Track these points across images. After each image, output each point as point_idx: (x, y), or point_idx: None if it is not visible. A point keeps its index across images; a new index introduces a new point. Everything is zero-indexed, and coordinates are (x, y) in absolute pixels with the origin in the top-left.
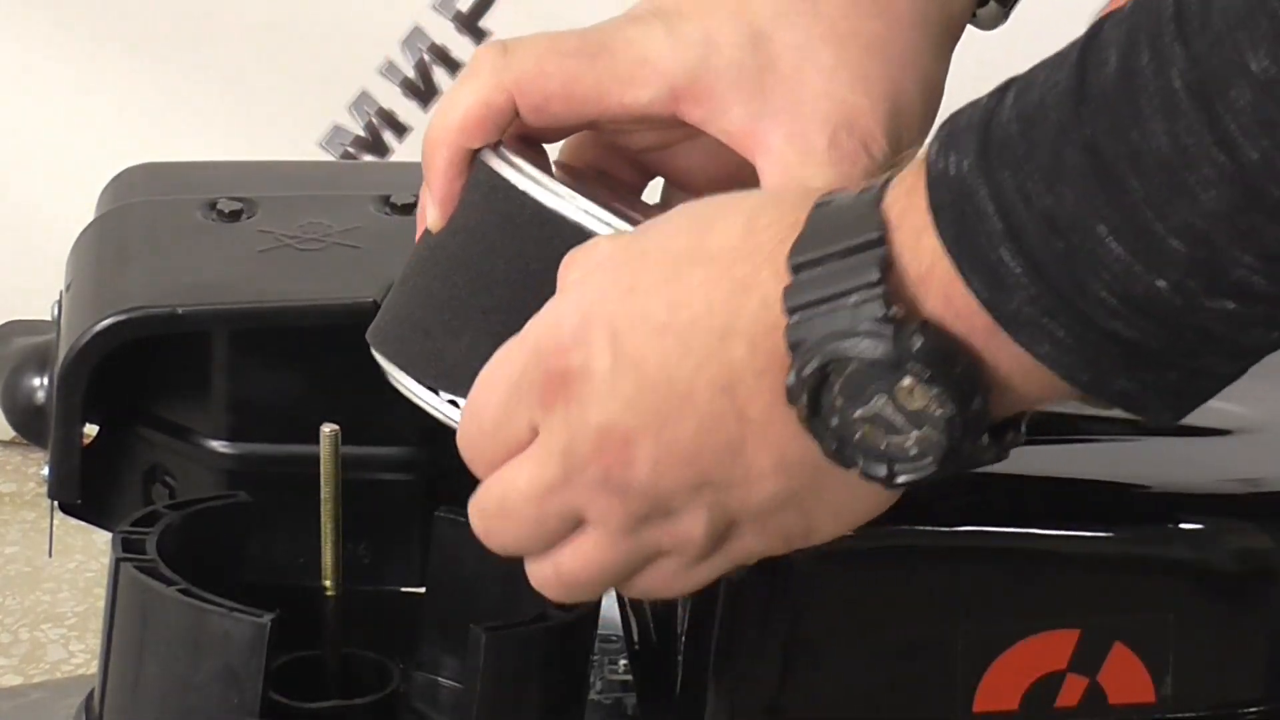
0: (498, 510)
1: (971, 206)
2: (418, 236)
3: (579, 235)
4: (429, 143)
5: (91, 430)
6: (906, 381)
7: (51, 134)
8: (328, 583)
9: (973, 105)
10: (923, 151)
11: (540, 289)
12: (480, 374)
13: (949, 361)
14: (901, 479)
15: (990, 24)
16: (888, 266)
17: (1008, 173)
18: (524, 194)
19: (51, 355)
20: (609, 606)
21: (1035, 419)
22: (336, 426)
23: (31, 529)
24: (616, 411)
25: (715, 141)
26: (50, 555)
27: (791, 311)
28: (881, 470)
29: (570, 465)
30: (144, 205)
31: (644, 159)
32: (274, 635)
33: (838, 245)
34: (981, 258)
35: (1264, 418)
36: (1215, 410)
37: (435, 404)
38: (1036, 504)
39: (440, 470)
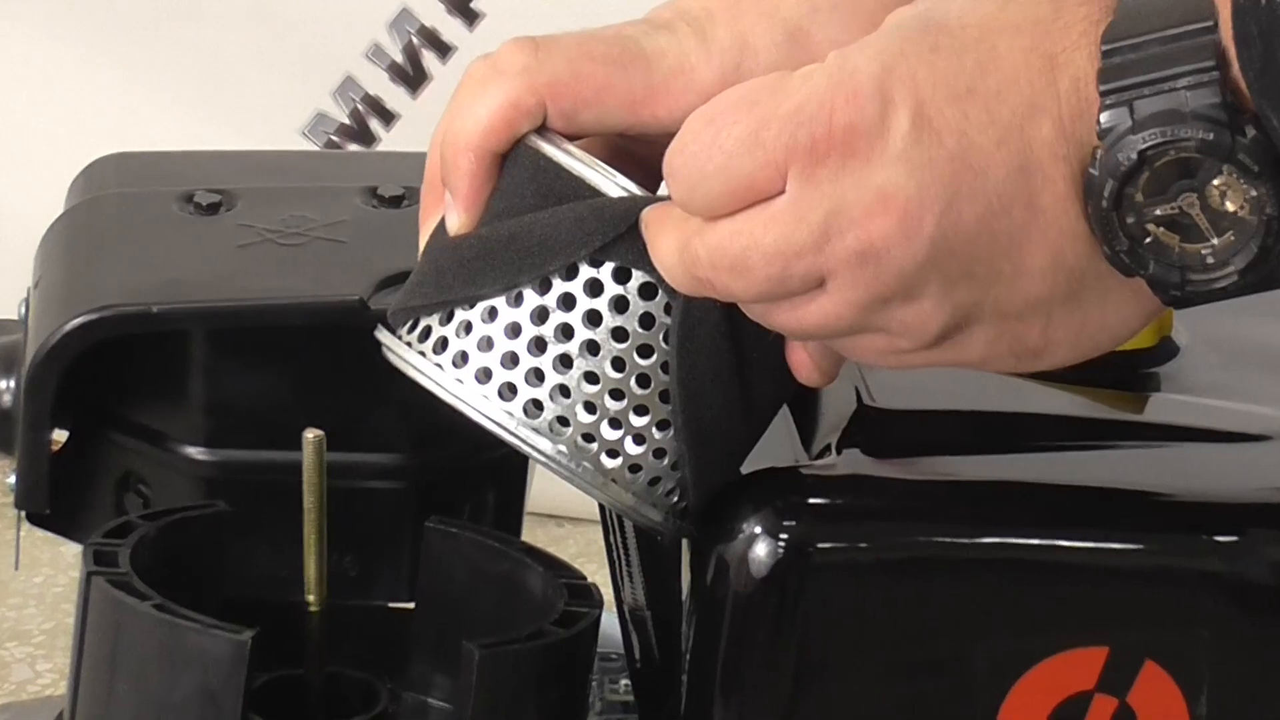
0: (733, 265)
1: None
2: (422, 234)
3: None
4: (451, 143)
5: (61, 436)
6: (1224, 179)
7: (17, 122)
8: (311, 597)
9: None
10: None
11: None
12: (728, 91)
13: (1278, 159)
14: (1194, 289)
15: None
16: (1221, 55)
17: None
18: (585, 183)
19: (18, 356)
20: (609, 624)
21: (1060, 425)
22: (320, 432)
23: None
24: (902, 177)
25: None
26: (16, 569)
27: (1106, 94)
28: (1175, 276)
29: (830, 230)
30: (116, 197)
31: (658, 165)
32: (254, 653)
33: (1163, 30)
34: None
35: None
36: (1252, 415)
37: (449, 388)
38: (1062, 513)
39: (431, 478)
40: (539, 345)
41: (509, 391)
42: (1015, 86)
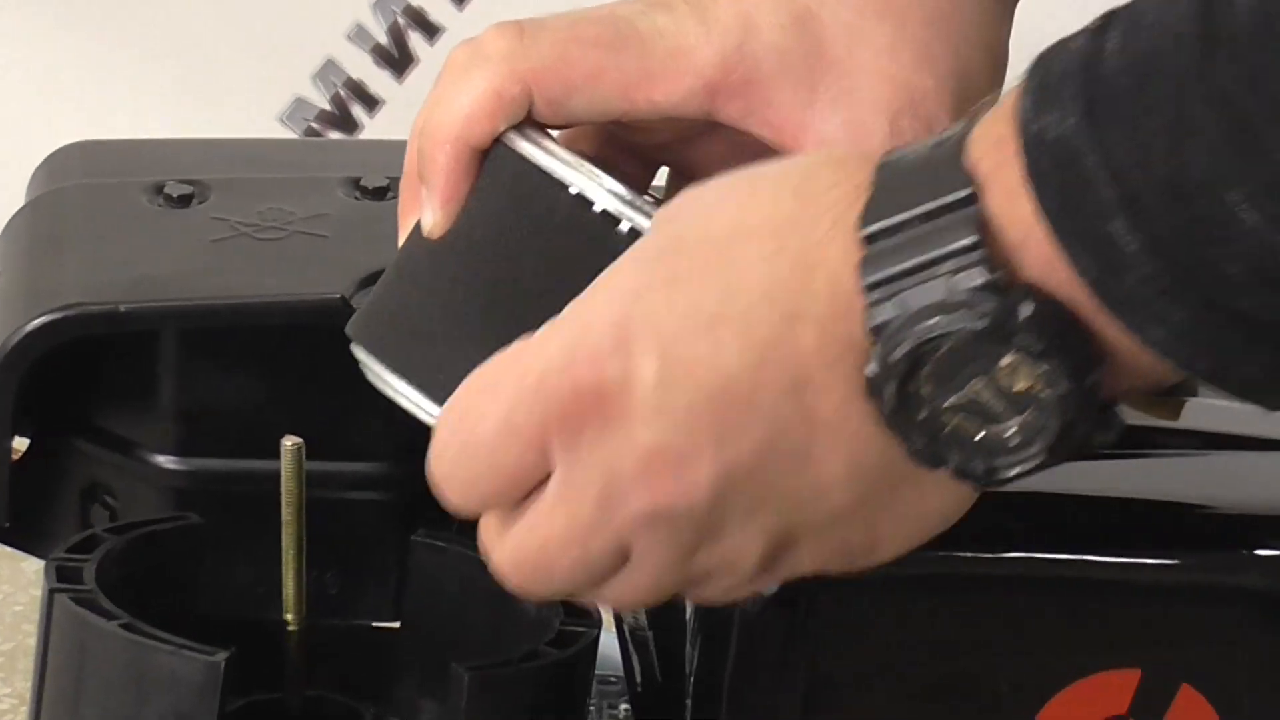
0: (536, 564)
1: (1077, 173)
2: (401, 231)
3: (629, 242)
4: (429, 135)
5: (21, 444)
6: (1010, 359)
7: None
8: (290, 616)
9: (1064, 47)
10: (1010, 100)
11: (570, 300)
12: (471, 378)
13: (1062, 331)
14: (1004, 474)
15: None
16: (984, 227)
17: (1121, 133)
18: (567, 189)
19: None
20: (608, 644)
21: None
22: (300, 439)
23: None
24: (667, 429)
25: (737, 130)
26: None
27: (870, 289)
28: (979, 466)
29: (611, 500)
30: (81, 189)
31: (654, 154)
32: (229, 675)
33: (920, 207)
34: (1090, 232)
35: None
36: None
37: (434, 415)
38: (1091, 525)
39: (418, 489)
40: None
41: None
42: (767, 301)
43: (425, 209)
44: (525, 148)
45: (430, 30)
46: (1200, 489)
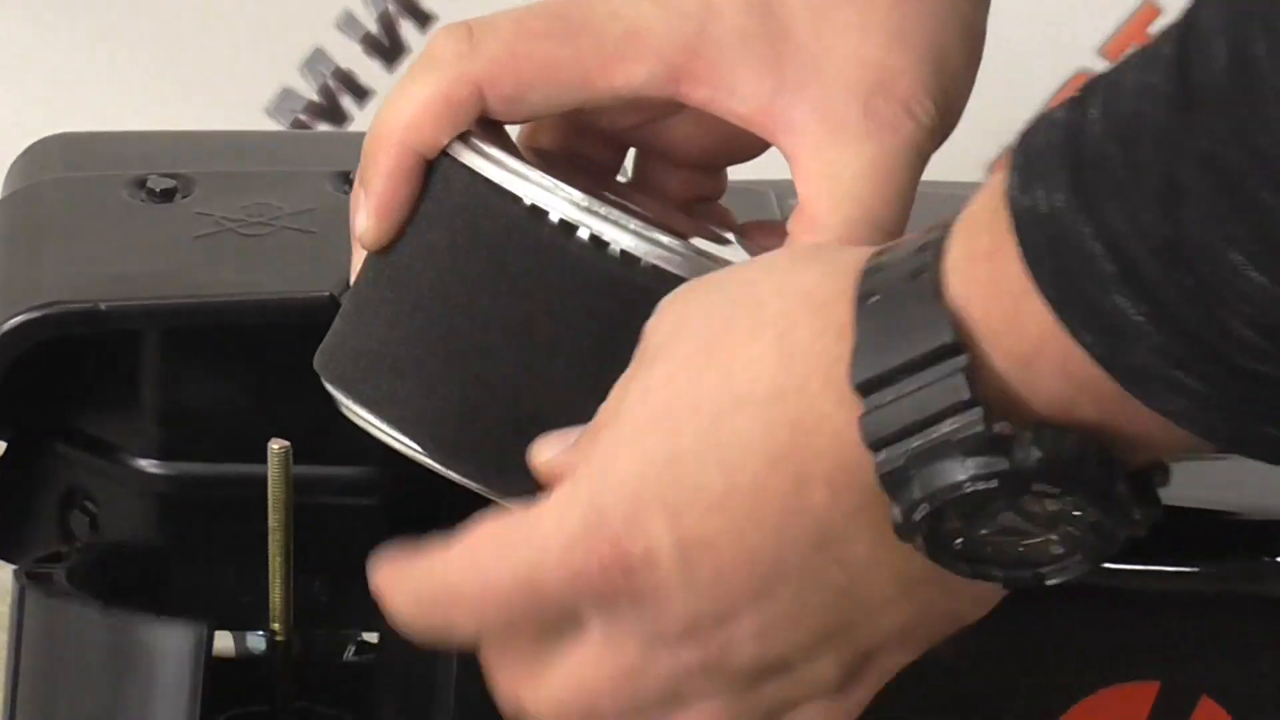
0: (583, 708)
1: (1073, 249)
2: (354, 258)
3: (593, 252)
4: (372, 140)
5: None
6: (1031, 499)
7: None
8: (277, 626)
9: (1045, 121)
10: (994, 183)
11: (532, 321)
12: (475, 535)
13: (1076, 466)
14: (1052, 579)
15: None
16: (973, 375)
17: (1112, 203)
18: (520, 201)
19: None
20: None
21: None
22: (287, 443)
23: None
24: (700, 600)
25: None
26: None
27: (876, 448)
28: (1026, 575)
29: (658, 652)
30: (59, 183)
31: (621, 136)
32: (210, 646)
33: (904, 355)
34: (1094, 309)
35: None
36: None
37: (414, 448)
38: None
39: (409, 493)
40: None
41: None
42: (773, 472)
43: (360, 214)
44: (474, 161)
45: (422, 18)
46: (1221, 494)
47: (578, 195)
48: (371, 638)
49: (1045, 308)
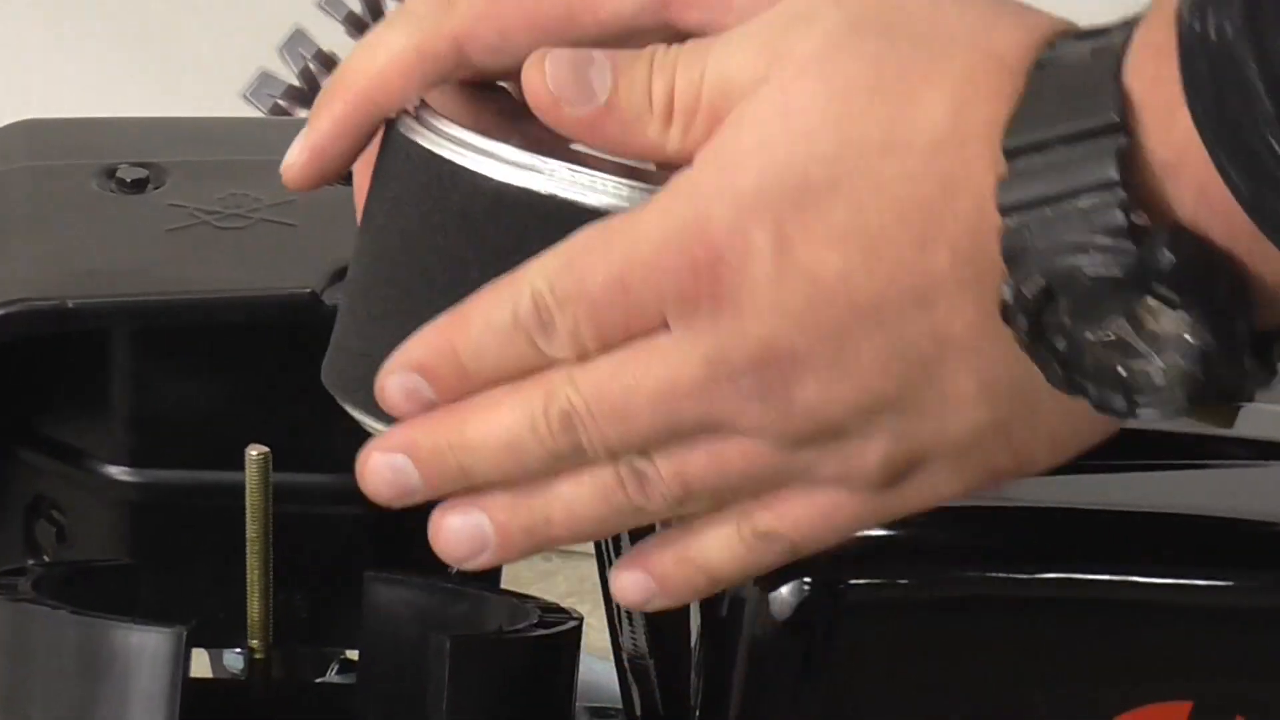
0: (616, 405)
1: (1235, 82)
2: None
3: (554, 212)
4: (332, 83)
5: None
6: (1150, 303)
7: None
8: (255, 643)
9: None
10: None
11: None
12: (574, 240)
13: (1206, 282)
14: (1145, 412)
15: None
16: (1128, 160)
17: None
18: (479, 174)
19: None
20: (606, 673)
21: (1133, 440)
22: (266, 448)
23: None
24: (781, 327)
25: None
26: None
27: (1006, 212)
28: (1119, 402)
29: (718, 372)
30: (25, 172)
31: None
32: (189, 648)
33: (1065, 126)
34: (1244, 146)
35: None
36: None
37: None
38: (1136, 544)
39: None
40: None
41: None
42: (903, 223)
43: (295, 146)
44: (427, 138)
45: None
46: (1256, 502)
47: (526, 157)
48: (354, 655)
49: (1200, 147)
